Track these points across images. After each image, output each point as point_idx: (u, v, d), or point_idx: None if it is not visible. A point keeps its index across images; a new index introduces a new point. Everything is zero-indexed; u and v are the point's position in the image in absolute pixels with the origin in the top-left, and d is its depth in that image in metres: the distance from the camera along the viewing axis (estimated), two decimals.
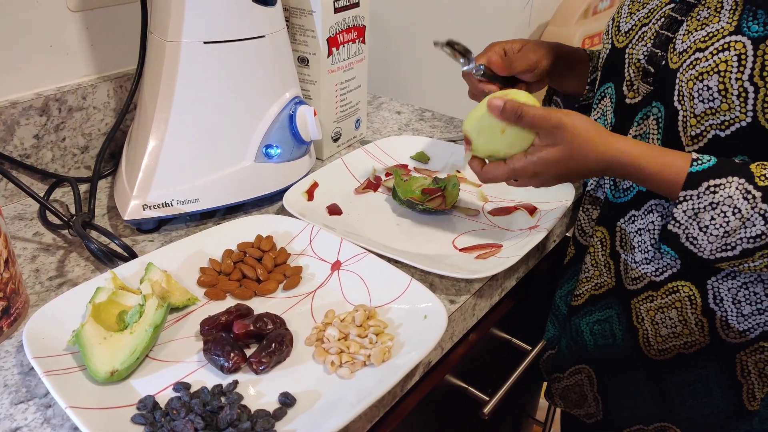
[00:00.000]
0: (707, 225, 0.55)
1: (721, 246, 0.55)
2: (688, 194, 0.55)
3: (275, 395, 0.51)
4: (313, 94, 0.85)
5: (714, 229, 0.55)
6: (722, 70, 0.55)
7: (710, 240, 0.55)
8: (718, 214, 0.54)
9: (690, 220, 0.56)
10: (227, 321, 0.56)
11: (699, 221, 0.55)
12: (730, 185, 0.54)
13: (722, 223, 0.54)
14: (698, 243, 0.56)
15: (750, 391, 0.65)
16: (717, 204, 0.54)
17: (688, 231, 0.56)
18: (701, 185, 0.55)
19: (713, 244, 0.55)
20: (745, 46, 0.54)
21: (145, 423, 0.47)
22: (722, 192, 0.54)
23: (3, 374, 0.52)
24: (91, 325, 0.52)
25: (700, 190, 0.55)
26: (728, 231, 0.54)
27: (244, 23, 0.69)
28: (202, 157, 0.71)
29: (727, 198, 0.53)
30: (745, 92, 0.54)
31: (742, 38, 0.54)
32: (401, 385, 0.57)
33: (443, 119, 1.03)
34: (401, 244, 0.70)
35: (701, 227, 0.55)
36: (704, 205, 0.55)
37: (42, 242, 0.69)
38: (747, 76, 0.54)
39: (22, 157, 0.76)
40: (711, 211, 0.54)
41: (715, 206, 0.54)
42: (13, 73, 0.74)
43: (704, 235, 0.55)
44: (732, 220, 0.54)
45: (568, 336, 0.77)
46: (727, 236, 0.54)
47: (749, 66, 0.54)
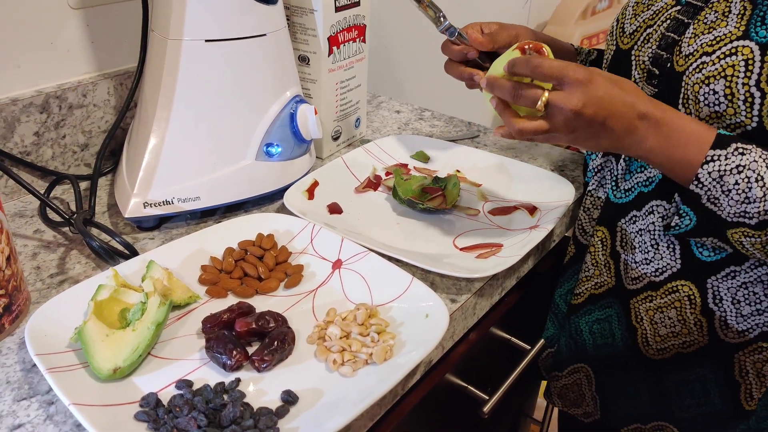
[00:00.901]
0: (730, 189, 0.54)
1: (741, 212, 0.54)
2: (716, 153, 0.54)
3: (277, 393, 0.51)
4: (314, 92, 0.85)
5: (736, 194, 0.54)
6: (729, 75, 0.55)
7: (731, 204, 0.55)
8: (743, 179, 0.53)
9: (714, 182, 0.55)
10: (229, 319, 0.56)
11: (723, 184, 0.54)
12: (755, 151, 0.54)
13: (745, 188, 0.53)
14: (720, 203, 0.55)
15: (748, 390, 0.65)
16: (743, 168, 0.53)
17: (710, 192, 0.55)
18: (730, 145, 0.54)
19: (733, 208, 0.55)
20: (752, 51, 0.54)
21: (148, 420, 0.47)
22: (749, 156, 0.53)
23: (5, 371, 0.52)
24: (94, 322, 0.52)
25: (728, 150, 0.54)
26: (749, 197, 0.53)
27: (245, 21, 0.70)
28: (203, 155, 0.71)
29: (753, 162, 0.53)
30: (752, 97, 0.54)
31: (749, 43, 0.55)
32: (403, 384, 0.57)
33: (443, 119, 1.03)
34: (402, 243, 0.71)
35: (724, 190, 0.54)
36: (731, 167, 0.54)
37: (43, 239, 0.69)
38: (754, 81, 0.54)
39: (22, 155, 0.75)
40: (736, 174, 0.54)
41: (741, 170, 0.53)
42: (13, 70, 0.74)
43: (726, 197, 0.54)
44: (754, 187, 0.53)
45: (567, 335, 0.78)
46: (747, 203, 0.54)
47: (756, 71, 0.54)
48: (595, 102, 0.54)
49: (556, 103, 0.55)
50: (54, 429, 0.48)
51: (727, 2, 0.57)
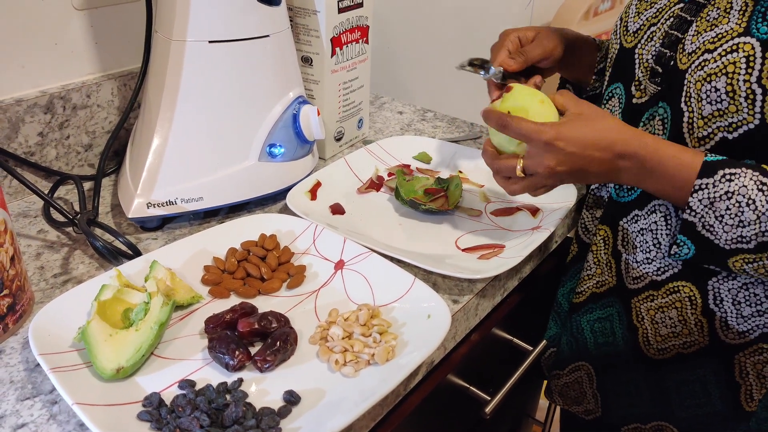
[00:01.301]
0: (722, 215, 0.55)
1: (737, 237, 0.55)
2: (703, 182, 0.55)
3: (280, 393, 0.51)
4: (317, 93, 0.86)
5: (729, 219, 0.54)
6: (730, 72, 0.55)
7: (725, 230, 0.55)
8: (734, 204, 0.54)
9: (706, 209, 0.55)
10: (232, 319, 0.56)
11: (715, 210, 0.55)
12: (744, 175, 0.54)
13: (737, 212, 0.54)
14: (714, 231, 0.56)
15: (748, 392, 0.65)
16: (732, 193, 0.54)
17: (704, 220, 0.56)
18: (717, 173, 0.54)
19: (728, 234, 0.55)
20: (753, 48, 0.54)
21: (151, 420, 0.47)
22: (737, 181, 0.54)
23: (9, 371, 0.52)
24: (97, 322, 0.53)
25: (715, 178, 0.54)
26: (743, 221, 0.54)
27: (248, 23, 0.70)
28: (206, 155, 0.71)
29: (742, 188, 0.53)
30: (753, 94, 0.54)
31: (750, 40, 0.54)
32: (405, 384, 0.58)
33: (445, 119, 1.03)
34: (404, 244, 0.71)
35: (717, 216, 0.55)
36: (720, 194, 0.54)
37: (46, 240, 0.69)
38: (755, 78, 0.54)
39: (26, 155, 0.76)
40: (726, 200, 0.54)
41: (730, 195, 0.54)
42: (17, 71, 0.74)
43: (720, 224, 0.55)
44: (746, 211, 0.53)
45: (568, 333, 0.78)
46: (742, 227, 0.54)
47: (757, 68, 0.54)
48: (568, 158, 0.58)
49: (531, 169, 0.61)
50: (57, 428, 0.48)
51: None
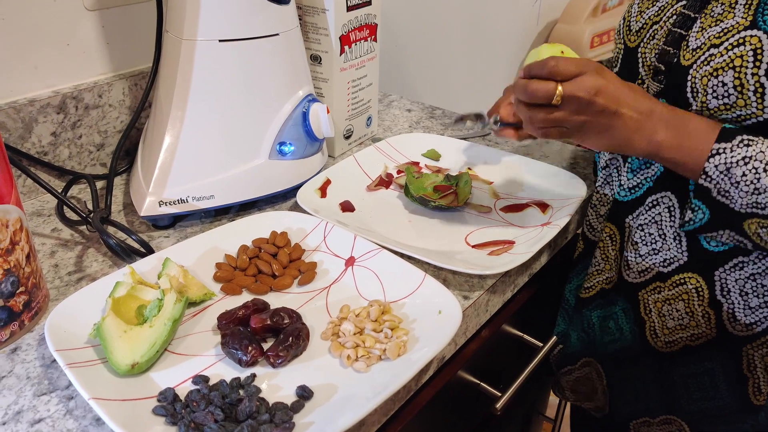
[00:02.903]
0: (738, 181, 0.54)
1: (752, 203, 0.55)
2: (721, 147, 0.55)
3: (292, 388, 0.52)
4: (326, 91, 0.86)
5: (745, 186, 0.54)
6: (737, 66, 0.55)
7: (741, 195, 0.55)
8: (750, 170, 0.54)
9: (722, 175, 0.55)
10: (244, 315, 0.57)
11: (731, 177, 0.55)
12: (762, 142, 0.54)
13: (753, 179, 0.54)
14: (730, 195, 0.55)
15: (756, 385, 0.65)
16: (749, 158, 0.54)
17: (720, 186, 0.56)
18: (735, 138, 0.55)
19: (744, 199, 0.55)
20: (761, 41, 0.54)
21: (166, 414, 0.48)
22: (755, 146, 0.54)
23: (25, 366, 0.53)
24: (112, 318, 0.53)
25: (733, 143, 0.55)
26: (759, 188, 0.54)
27: (258, 21, 0.70)
28: (217, 154, 0.72)
29: (759, 153, 0.54)
30: (762, 87, 0.54)
31: (757, 33, 0.54)
32: (416, 380, 0.58)
33: (453, 117, 1.03)
34: (414, 241, 0.71)
35: (733, 182, 0.55)
36: (737, 158, 0.54)
37: (60, 238, 0.70)
38: (763, 71, 0.54)
39: (39, 155, 0.77)
40: (743, 166, 0.54)
41: (747, 161, 0.54)
42: (31, 71, 0.75)
43: (736, 189, 0.55)
44: (763, 176, 0.53)
45: (578, 328, 0.78)
46: (757, 193, 0.54)
47: (766, 60, 0.54)
48: (609, 91, 0.56)
49: (570, 92, 0.56)
50: (74, 423, 0.48)
51: None
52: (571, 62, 0.56)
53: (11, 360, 0.54)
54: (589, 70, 0.56)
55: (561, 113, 0.57)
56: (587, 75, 0.56)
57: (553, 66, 0.56)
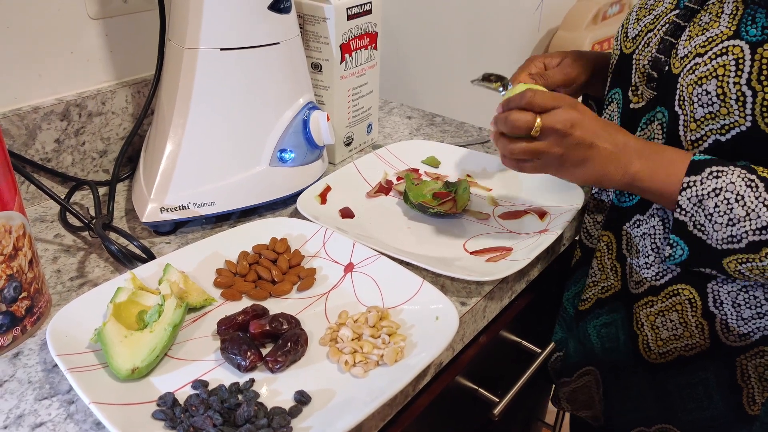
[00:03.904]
0: (712, 213, 0.55)
1: (728, 237, 0.55)
2: (691, 180, 0.56)
3: (291, 393, 0.52)
4: (326, 99, 0.87)
5: (719, 217, 0.55)
6: (720, 75, 0.56)
7: (716, 228, 0.55)
8: (722, 201, 0.55)
9: (695, 208, 0.56)
10: (244, 321, 0.57)
11: (704, 208, 0.56)
12: (732, 173, 0.55)
13: (726, 210, 0.55)
14: (706, 230, 0.56)
15: (750, 395, 0.65)
16: (720, 190, 0.55)
17: (695, 218, 0.56)
18: (704, 170, 0.56)
19: (719, 233, 0.56)
20: (742, 50, 0.55)
21: (166, 419, 0.48)
22: (724, 178, 0.55)
23: (27, 371, 0.54)
24: (113, 323, 0.54)
25: (702, 175, 0.56)
26: (732, 219, 0.54)
27: (259, 30, 0.71)
28: (218, 161, 0.73)
29: (730, 184, 0.54)
30: (744, 96, 0.55)
31: (740, 42, 0.55)
32: (413, 385, 0.58)
33: (453, 124, 1.04)
34: (413, 247, 0.72)
35: (706, 214, 0.56)
36: (707, 191, 0.55)
37: (63, 244, 0.71)
38: (745, 80, 0.54)
39: (43, 161, 0.78)
40: (714, 197, 0.55)
41: (718, 192, 0.55)
42: (35, 79, 0.76)
43: (710, 222, 0.56)
44: (735, 207, 0.54)
45: (575, 339, 0.78)
46: (732, 225, 0.55)
47: (747, 70, 0.54)
48: (584, 125, 0.59)
49: (548, 124, 0.58)
50: (74, 427, 0.49)
51: (720, 3, 0.58)
52: (548, 95, 0.59)
53: (13, 364, 0.55)
54: (565, 104, 0.59)
55: (540, 144, 0.59)
56: (563, 108, 0.58)
57: (531, 97, 0.59)
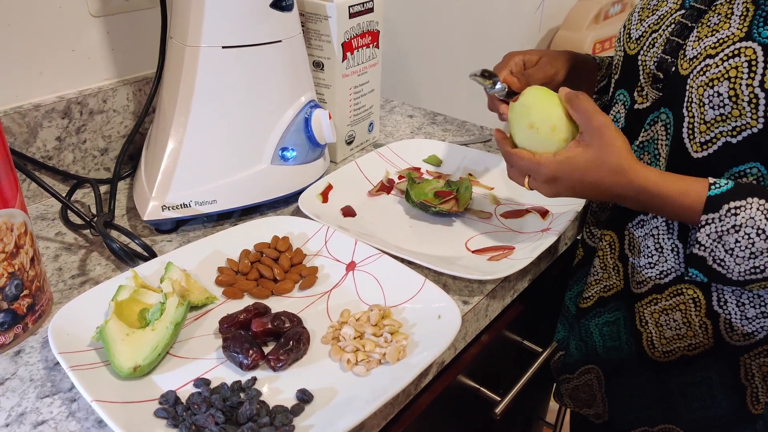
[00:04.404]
0: (732, 247, 0.54)
1: (750, 269, 0.55)
2: (709, 218, 0.55)
3: (293, 392, 0.52)
4: (328, 97, 0.87)
5: (740, 251, 0.54)
6: (732, 77, 0.55)
7: (737, 262, 0.55)
8: (743, 237, 0.54)
9: (715, 243, 0.55)
10: (246, 319, 0.57)
11: (724, 244, 0.55)
12: (750, 206, 0.54)
13: (747, 245, 0.54)
14: (726, 265, 0.56)
15: (754, 394, 0.65)
16: (740, 226, 0.54)
17: (715, 254, 0.56)
18: (722, 208, 0.54)
19: (741, 266, 0.55)
20: (755, 52, 0.54)
21: (168, 417, 0.48)
22: (743, 213, 0.54)
23: (29, 369, 0.54)
24: (114, 321, 0.54)
25: (720, 213, 0.54)
26: (754, 252, 0.54)
27: (261, 28, 0.71)
28: (219, 159, 0.72)
29: (749, 219, 0.53)
30: (756, 98, 0.55)
31: (752, 44, 0.55)
32: (415, 384, 0.58)
33: (455, 123, 1.04)
34: (414, 246, 0.71)
35: (727, 249, 0.55)
36: (727, 228, 0.54)
37: (64, 242, 0.71)
38: (758, 82, 0.54)
39: (44, 159, 0.77)
40: (735, 233, 0.54)
41: (738, 228, 0.54)
42: (36, 77, 0.76)
43: (731, 257, 0.55)
44: (757, 241, 0.53)
45: (577, 337, 0.78)
46: (754, 258, 0.54)
47: (760, 72, 0.54)
48: (568, 191, 0.62)
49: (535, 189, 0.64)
50: (76, 425, 0.49)
51: (729, 4, 0.58)
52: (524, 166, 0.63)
53: (15, 362, 0.54)
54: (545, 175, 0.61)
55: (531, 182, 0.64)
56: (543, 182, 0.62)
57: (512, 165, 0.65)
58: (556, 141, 0.61)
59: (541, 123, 0.62)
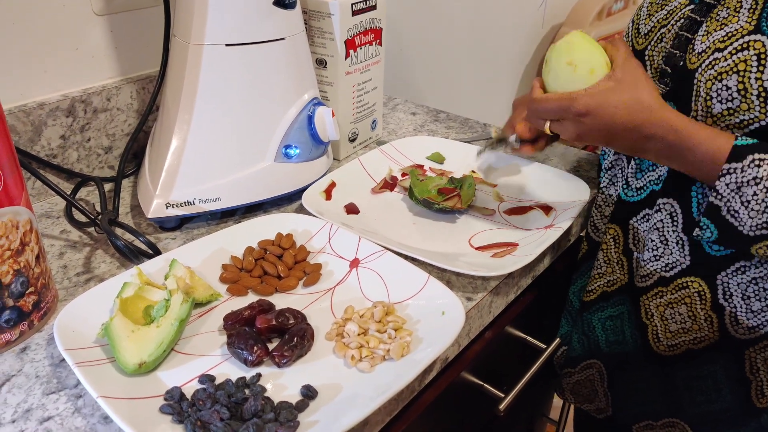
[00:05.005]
0: (749, 200, 0.54)
1: (762, 224, 0.55)
2: (732, 167, 0.55)
3: (297, 388, 0.52)
4: (331, 95, 0.87)
5: (756, 204, 0.54)
6: (741, 70, 0.55)
7: (751, 215, 0.55)
8: (761, 190, 0.54)
9: (732, 194, 0.55)
10: (250, 316, 0.58)
11: (741, 195, 0.54)
12: None
13: (764, 198, 0.54)
14: (739, 216, 0.55)
15: (759, 388, 0.65)
16: (760, 179, 0.53)
17: (730, 204, 0.55)
18: (746, 158, 0.54)
19: (754, 219, 0.55)
20: (764, 45, 0.54)
21: (173, 413, 0.48)
22: (766, 167, 0.53)
23: (35, 366, 0.54)
24: (120, 318, 0.54)
25: (744, 162, 0.54)
26: None
27: (264, 26, 0.71)
28: (223, 156, 0.73)
29: None
30: (765, 92, 0.54)
31: (761, 37, 0.55)
32: (419, 380, 0.58)
33: (458, 120, 1.04)
34: (418, 243, 0.72)
35: (743, 201, 0.55)
36: (748, 179, 0.54)
37: (69, 239, 0.71)
38: (767, 75, 0.54)
39: (49, 157, 0.78)
40: (754, 186, 0.54)
41: (758, 181, 0.54)
42: (40, 75, 0.76)
43: (745, 209, 0.55)
44: None
45: (580, 331, 0.78)
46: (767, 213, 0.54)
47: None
48: (594, 132, 0.60)
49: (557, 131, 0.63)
50: (82, 421, 0.49)
51: None
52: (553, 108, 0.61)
53: (21, 359, 0.55)
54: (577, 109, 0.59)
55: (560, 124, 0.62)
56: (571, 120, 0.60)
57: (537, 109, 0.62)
58: (591, 84, 0.60)
59: (582, 62, 0.60)
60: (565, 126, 0.61)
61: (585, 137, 0.60)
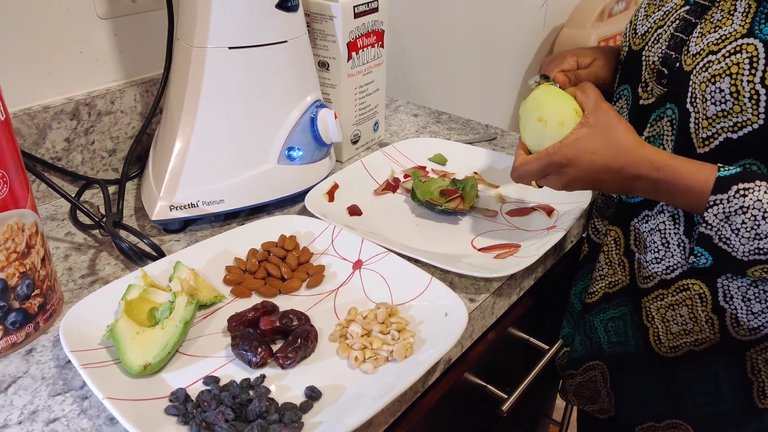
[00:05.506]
0: (738, 228, 0.55)
1: (754, 249, 0.55)
2: (717, 198, 0.55)
3: (301, 389, 0.52)
4: (333, 97, 0.87)
5: (746, 232, 0.55)
6: (734, 73, 0.56)
7: (742, 242, 0.55)
8: (749, 218, 0.54)
9: (722, 223, 0.56)
10: (254, 317, 0.58)
11: (731, 224, 0.55)
12: (758, 189, 0.54)
13: (753, 226, 0.54)
14: (731, 243, 0.56)
15: (760, 388, 0.65)
16: (747, 208, 0.54)
17: (721, 233, 0.56)
18: (730, 188, 0.55)
19: (745, 246, 0.55)
20: (756, 49, 0.55)
21: (178, 414, 0.49)
22: (751, 195, 0.54)
23: (40, 367, 0.54)
24: (125, 320, 0.54)
25: (729, 193, 0.55)
26: (759, 234, 0.54)
27: (267, 29, 0.71)
28: (226, 159, 0.73)
29: (757, 201, 0.54)
30: (757, 95, 0.55)
31: (754, 41, 0.55)
32: (423, 381, 0.59)
33: (460, 122, 1.04)
34: (420, 244, 0.72)
35: (733, 229, 0.55)
36: (734, 208, 0.55)
37: (74, 242, 0.72)
38: (759, 78, 0.54)
39: (53, 160, 0.78)
40: (742, 215, 0.54)
41: (745, 210, 0.54)
42: (45, 78, 0.76)
43: (736, 236, 0.55)
44: (763, 224, 0.54)
45: (582, 333, 0.78)
46: (758, 240, 0.54)
47: (761, 68, 0.54)
48: (578, 181, 0.61)
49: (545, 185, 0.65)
50: (88, 422, 0.50)
51: (733, 1, 0.58)
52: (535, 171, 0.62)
53: (27, 361, 0.55)
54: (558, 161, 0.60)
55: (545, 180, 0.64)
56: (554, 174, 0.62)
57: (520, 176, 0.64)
58: (563, 135, 0.61)
59: (550, 116, 0.62)
60: (551, 180, 0.63)
61: (572, 186, 0.62)
